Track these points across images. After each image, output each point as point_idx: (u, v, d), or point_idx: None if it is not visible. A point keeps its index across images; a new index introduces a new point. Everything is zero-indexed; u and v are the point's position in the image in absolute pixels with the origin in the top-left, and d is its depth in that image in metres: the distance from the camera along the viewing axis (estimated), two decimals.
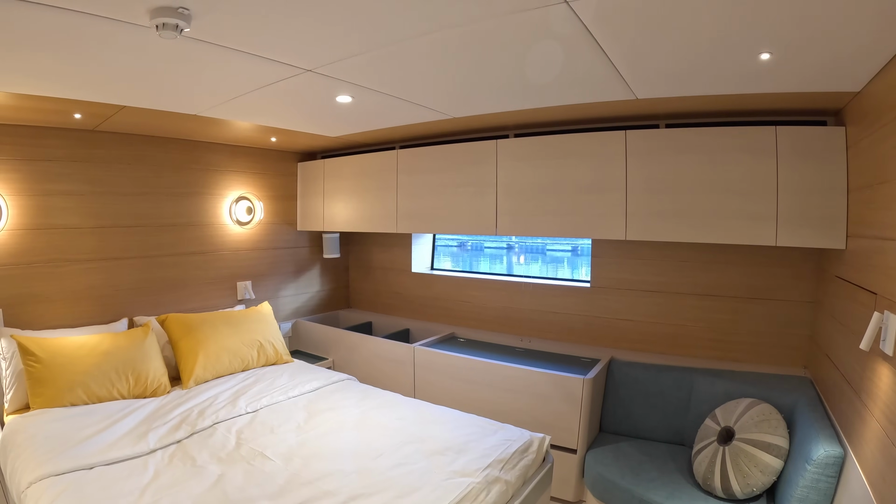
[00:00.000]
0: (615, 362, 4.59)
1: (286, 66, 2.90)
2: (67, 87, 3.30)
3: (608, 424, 4.53)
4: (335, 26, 2.31)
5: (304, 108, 4.04)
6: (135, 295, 5.13)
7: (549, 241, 5.80)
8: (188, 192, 5.49)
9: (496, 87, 3.34)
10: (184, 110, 3.99)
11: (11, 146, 4.32)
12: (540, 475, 3.39)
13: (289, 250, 6.46)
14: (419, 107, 3.88)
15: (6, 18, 2.15)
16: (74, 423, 3.65)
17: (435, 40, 2.48)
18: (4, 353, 4.11)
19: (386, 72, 3.04)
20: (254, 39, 2.50)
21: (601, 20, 2.16)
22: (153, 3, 2.03)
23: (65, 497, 2.79)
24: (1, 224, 4.27)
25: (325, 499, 2.75)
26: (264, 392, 4.29)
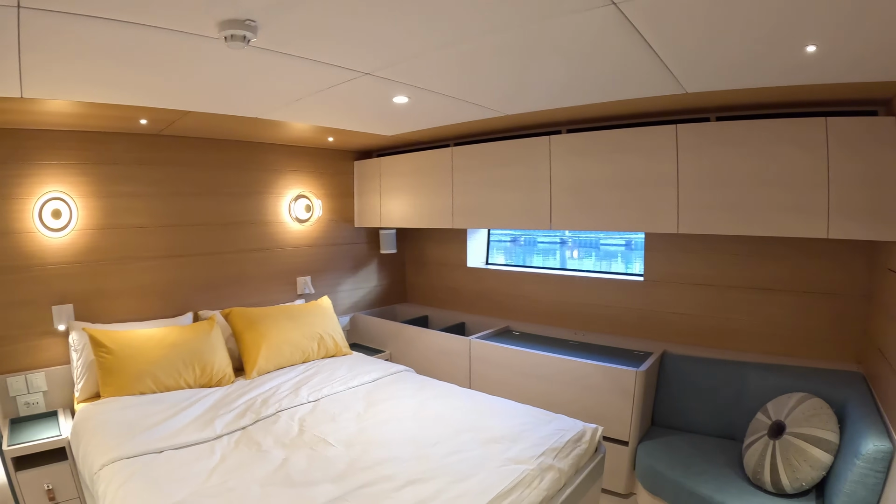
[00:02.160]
0: (667, 356, 4.60)
1: (346, 70, 2.98)
2: (137, 96, 3.49)
3: (660, 418, 4.54)
4: (394, 32, 2.39)
5: (362, 109, 4.13)
6: (199, 290, 5.34)
7: (602, 236, 5.79)
8: (249, 191, 5.67)
9: (548, 86, 3.39)
10: (246, 114, 4.14)
11: (80, 151, 4.57)
12: (592, 465, 3.42)
13: (347, 246, 6.59)
14: (474, 105, 3.93)
15: (83, 34, 2.29)
16: (143, 410, 3.85)
17: (490, 43, 2.54)
18: (76, 346, 4.36)
19: (442, 73, 3.11)
20: (316, 46, 2.60)
21: (649, 19, 2.19)
22: (222, 17, 2.15)
23: (136, 478, 2.96)
24: (72, 224, 4.53)
25: (384, 483, 2.85)
26: (325, 382, 4.44)
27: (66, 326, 4.51)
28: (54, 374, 4.48)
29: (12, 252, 4.31)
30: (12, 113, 3.82)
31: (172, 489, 2.85)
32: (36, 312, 4.44)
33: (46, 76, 2.94)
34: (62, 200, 4.47)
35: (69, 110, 3.85)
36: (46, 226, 4.41)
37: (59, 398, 4.52)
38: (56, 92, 3.31)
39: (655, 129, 4.09)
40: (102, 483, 3.02)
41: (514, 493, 2.79)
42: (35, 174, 4.38)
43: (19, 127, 4.26)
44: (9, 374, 4.30)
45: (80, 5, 2.02)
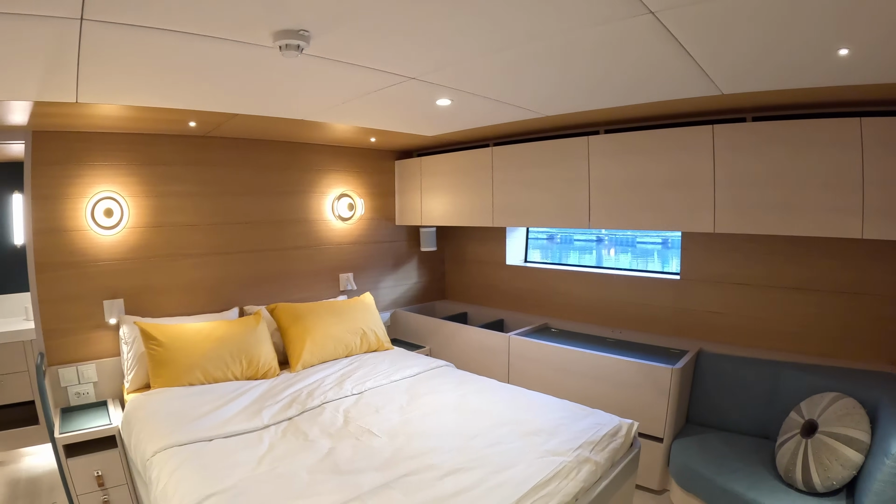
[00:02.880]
0: (703, 354, 4.62)
1: (392, 75, 3.07)
2: (190, 101, 3.63)
3: (695, 415, 4.57)
4: (439, 40, 2.47)
5: (406, 111, 4.22)
6: (245, 286, 5.49)
7: (639, 234, 5.80)
8: (293, 190, 5.81)
9: (587, 88, 3.43)
10: (294, 116, 4.26)
11: (130, 153, 4.76)
12: (627, 459, 3.45)
13: (388, 244, 6.71)
14: (514, 107, 3.99)
15: (143, 44, 2.42)
16: (192, 401, 4.00)
17: (531, 50, 2.61)
18: (126, 338, 4.54)
19: (484, 77, 3.18)
20: (364, 54, 2.69)
21: (686, 26, 2.24)
22: (277, 27, 2.26)
23: (188, 464, 3.10)
24: (123, 223, 4.72)
25: (427, 472, 2.95)
26: (368, 376, 4.54)
27: (116, 320, 4.70)
28: (104, 366, 4.68)
29: (66, 249, 4.50)
30: (67, 117, 3.99)
31: (223, 475, 2.99)
32: (88, 307, 4.62)
33: (103, 83, 3.08)
34: (113, 200, 4.66)
35: (121, 114, 4.00)
36: (98, 224, 4.60)
37: (109, 389, 4.72)
38: (111, 97, 3.46)
39: (692, 129, 4.11)
40: (155, 469, 3.17)
41: (551, 483, 2.85)
42: (88, 175, 4.57)
43: (73, 130, 4.45)
44: (61, 366, 4.50)
45: (142, 18, 2.14)
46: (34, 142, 4.35)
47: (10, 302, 6.35)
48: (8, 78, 2.88)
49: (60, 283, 4.50)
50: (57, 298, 4.48)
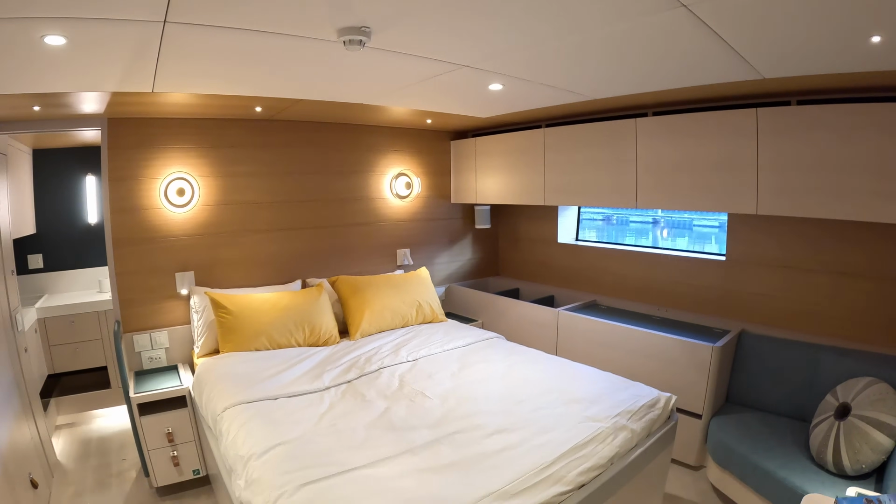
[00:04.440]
0: (745, 335, 4.64)
1: (446, 63, 3.24)
2: (258, 89, 3.91)
3: (735, 395, 4.61)
4: (491, 32, 2.64)
5: (460, 95, 4.37)
6: (307, 260, 5.81)
7: (696, 217, 5.79)
8: (353, 170, 6.07)
9: (629, 75, 3.52)
10: (354, 101, 4.47)
11: (200, 136, 5.12)
12: (664, 430, 3.55)
13: (443, 221, 6.90)
14: (562, 91, 4.09)
15: (218, 41, 2.67)
16: (259, 364, 4.35)
17: (575, 40, 2.74)
18: (196, 308, 4.93)
19: (534, 64, 3.31)
20: (421, 45, 2.88)
21: (718, 16, 2.32)
22: (341, 24, 2.48)
23: (255, 419, 3.44)
24: (194, 201, 5.10)
25: (475, 430, 3.19)
26: (422, 345, 4.78)
27: (187, 291, 5.10)
28: (175, 333, 5.10)
29: (141, 226, 4.89)
30: (141, 105, 4.32)
31: (288, 428, 3.29)
32: (161, 279, 5.02)
33: (178, 75, 3.35)
34: (185, 180, 5.03)
35: (191, 101, 4.30)
36: (171, 202, 4.98)
37: (179, 354, 5.14)
38: (185, 87, 3.75)
39: (736, 112, 4.11)
40: (226, 422, 3.51)
41: (589, 446, 3.03)
42: (161, 157, 4.94)
43: (146, 116, 4.81)
44: (135, 333, 4.92)
45: (220, 19, 2.38)
46: (110, 128, 4.71)
47: (85, 276, 6.87)
48: (93, 73, 3.17)
49: (136, 257, 4.89)
50: (132, 271, 4.88)
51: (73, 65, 2.97)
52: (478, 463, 2.86)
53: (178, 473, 4.53)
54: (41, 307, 6.07)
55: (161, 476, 4.49)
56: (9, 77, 3.13)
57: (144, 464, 4.51)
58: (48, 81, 3.33)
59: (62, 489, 4.78)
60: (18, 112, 4.23)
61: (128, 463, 5.20)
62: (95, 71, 3.14)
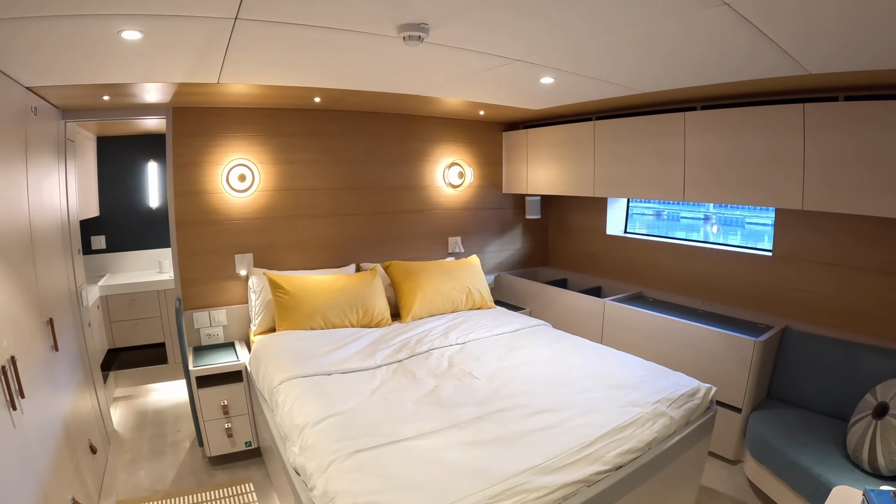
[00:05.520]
0: (788, 331, 4.62)
1: (500, 57, 3.35)
2: (318, 80, 4.10)
3: (776, 391, 4.61)
4: (542, 27, 2.73)
5: (512, 88, 4.49)
6: (361, 245, 6.01)
7: (748, 214, 5.67)
8: (407, 159, 6.24)
9: (675, 69, 3.58)
10: (409, 92, 4.63)
11: (261, 125, 5.36)
12: (702, 420, 3.59)
13: (494, 211, 6.99)
14: (612, 84, 4.17)
15: (284, 36, 2.85)
16: (314, 342, 4.58)
17: (625, 35, 2.82)
18: (254, 288, 5.19)
19: (583, 59, 3.38)
20: (476, 41, 3.01)
21: (759, 12, 2.35)
22: (400, 21, 2.63)
23: (310, 391, 3.68)
24: (254, 186, 5.35)
25: (518, 409, 3.34)
26: (471, 329, 4.93)
27: (246, 272, 5.36)
28: (233, 311, 5.38)
29: (205, 209, 5.17)
30: (204, 94, 4.53)
31: (341, 401, 3.52)
32: (220, 259, 5.30)
33: (244, 66, 3.56)
34: (246, 166, 5.29)
35: (253, 91, 4.50)
36: (232, 187, 5.25)
37: (236, 332, 5.42)
38: (249, 78, 3.98)
39: (784, 107, 4.07)
40: (282, 394, 3.75)
41: (628, 429, 3.13)
42: (223, 144, 5.20)
43: (209, 105, 5.06)
44: (195, 310, 5.22)
45: (287, 17, 2.54)
46: (174, 116, 4.99)
47: (146, 257, 7.25)
48: (165, 65, 3.41)
49: (197, 238, 5.17)
50: (194, 252, 5.16)
51: (145, 58, 3.18)
52: (520, 439, 3.00)
53: (231, 444, 4.81)
54: (103, 285, 6.44)
55: (215, 446, 4.78)
56: (85, 69, 3.36)
57: (199, 434, 4.82)
58: (121, 73, 3.56)
59: (118, 456, 5.11)
60: (88, 101, 4.49)
61: (182, 434, 5.53)
62: (166, 63, 3.37)
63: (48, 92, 3.96)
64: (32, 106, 3.75)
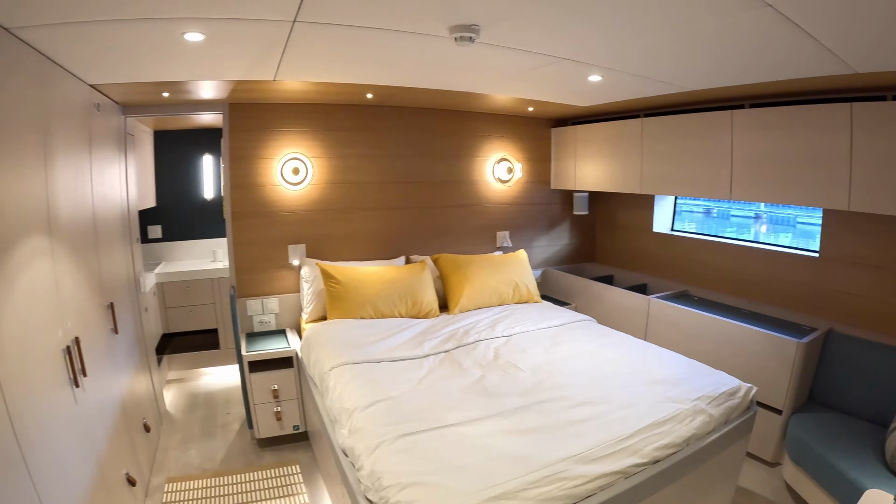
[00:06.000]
0: (833, 334, 4.55)
1: (549, 56, 3.44)
2: (371, 77, 4.28)
3: (818, 394, 4.56)
4: (590, 27, 2.81)
5: (560, 86, 4.57)
6: (410, 238, 6.17)
7: (799, 213, 5.57)
8: (456, 154, 6.36)
9: (722, 68, 3.63)
10: (459, 89, 4.74)
11: (314, 120, 5.56)
12: (742, 419, 3.58)
13: (542, 206, 7.05)
14: (658, 82, 4.21)
15: (340, 37, 2.99)
16: (363, 331, 4.75)
17: (671, 35, 2.88)
18: (307, 277, 5.40)
19: (631, 57, 3.45)
20: (525, 40, 3.10)
21: (803, 12, 2.37)
22: (452, 22, 2.75)
23: (360, 377, 3.86)
24: (307, 180, 5.57)
25: (561, 401, 3.45)
26: (517, 322, 5.03)
27: (298, 262, 5.57)
28: (285, 300, 5.61)
29: (260, 201, 5.41)
30: (259, 91, 4.76)
31: (389, 387, 3.69)
32: (274, 249, 5.52)
33: (300, 65, 3.73)
34: (299, 160, 5.49)
35: (307, 88, 4.70)
36: (287, 180, 5.47)
37: (287, 319, 5.65)
38: (304, 76, 4.16)
39: (832, 106, 4.04)
40: (332, 380, 3.94)
41: (666, 424, 3.18)
42: (278, 139, 5.43)
43: (263, 102, 5.29)
44: (249, 298, 5.46)
45: (344, 19, 2.68)
46: (230, 112, 5.22)
47: (200, 246, 7.58)
48: (224, 64, 3.62)
49: (252, 229, 5.41)
50: (248, 242, 5.40)
51: (206, 58, 3.38)
52: (561, 429, 3.11)
53: (280, 427, 5.04)
54: (159, 272, 6.76)
55: (264, 429, 5.02)
56: (148, 68, 3.60)
57: (249, 417, 5.06)
58: (182, 72, 3.79)
59: (170, 435, 5.41)
60: (148, 98, 4.76)
61: (231, 416, 5.82)
62: (226, 63, 3.58)
63: (110, 89, 4.23)
64: (96, 103, 4.03)
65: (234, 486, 4.51)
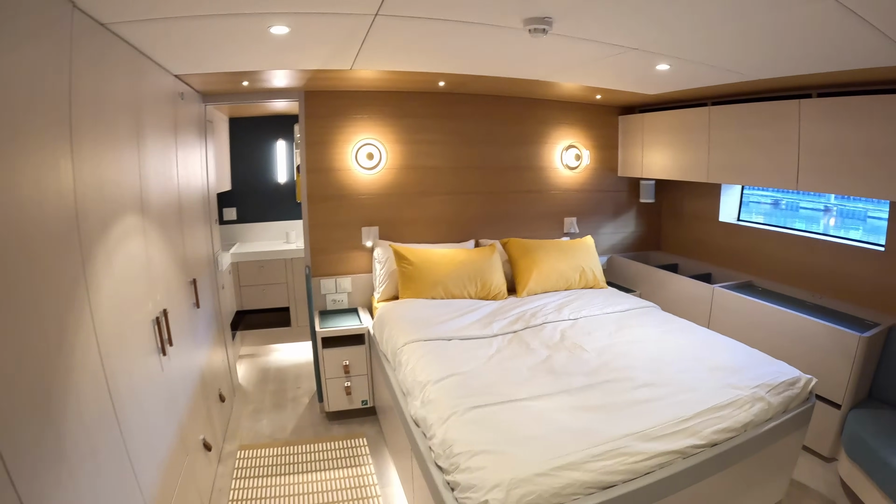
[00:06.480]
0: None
1: (618, 46, 3.54)
2: (445, 66, 4.46)
3: (879, 391, 4.48)
4: (657, 19, 2.91)
5: (629, 75, 4.65)
6: (480, 222, 6.36)
7: (870, 206, 5.42)
8: (525, 140, 6.49)
9: (788, 57, 3.63)
10: (529, 77, 4.88)
11: (388, 107, 5.80)
12: (800, 410, 3.61)
13: (609, 193, 7.10)
14: (727, 71, 4.22)
15: (417, 29, 3.18)
16: (434, 311, 4.99)
17: (736, 27, 2.97)
18: (379, 258, 5.66)
19: (698, 47, 3.51)
20: (596, 32, 3.23)
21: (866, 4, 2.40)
22: (527, 15, 2.88)
23: (431, 354, 4.10)
24: (381, 164, 5.82)
25: (624, 382, 3.60)
26: (583, 307, 5.16)
27: (371, 243, 5.85)
28: (357, 280, 5.92)
29: (336, 184, 5.70)
30: (334, 80, 5.03)
31: (460, 363, 3.92)
32: (348, 231, 5.82)
33: (377, 55, 3.93)
34: (373, 145, 5.75)
35: (381, 76, 4.94)
36: (361, 165, 5.74)
37: (359, 299, 5.96)
38: (380, 65, 4.40)
39: None
40: (405, 355, 4.20)
41: (726, 409, 3.26)
42: (352, 125, 5.70)
43: (338, 89, 5.55)
44: (322, 277, 5.77)
45: (423, 12, 2.84)
46: (306, 99, 5.51)
47: (274, 228, 7.97)
48: (305, 55, 3.87)
49: (330, 211, 5.72)
50: (323, 224, 5.71)
51: (289, 49, 3.63)
52: (624, 408, 3.27)
53: (349, 402, 5.36)
54: (234, 252, 7.17)
55: (333, 402, 5.35)
56: (233, 58, 3.87)
57: (320, 390, 5.41)
58: (265, 62, 4.11)
59: (243, 406, 5.83)
60: (227, 86, 5.07)
61: (301, 391, 6.20)
62: (307, 53, 3.83)
63: (192, 79, 4.55)
64: (180, 92, 4.37)
65: (303, 455, 4.83)
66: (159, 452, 3.08)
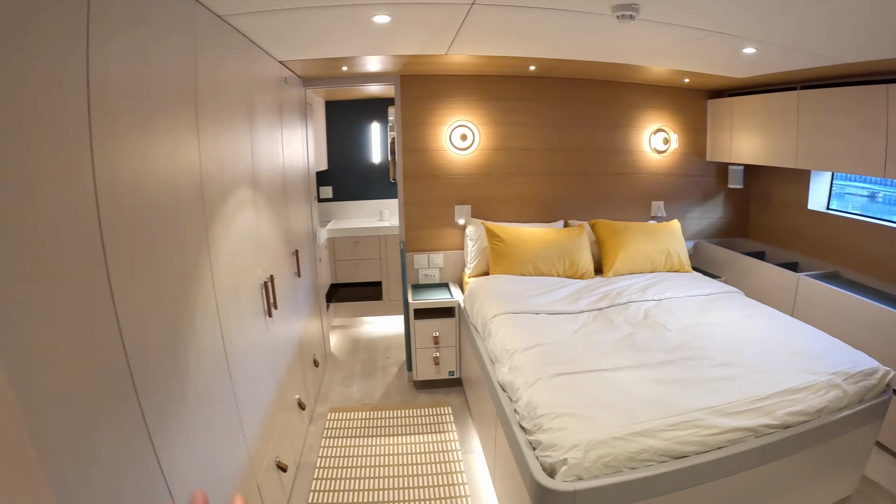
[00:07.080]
0: None
1: (703, 30, 3.61)
2: (536, 50, 4.65)
3: None
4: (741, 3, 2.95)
5: (715, 58, 4.66)
6: (569, 203, 6.58)
7: None
8: (613, 124, 6.61)
9: (879, 40, 3.57)
10: (617, 61, 5.03)
11: (481, 90, 6.07)
12: (876, 401, 3.58)
13: (697, 178, 7.10)
14: (810, 54, 4.19)
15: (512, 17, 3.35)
16: (523, 286, 5.27)
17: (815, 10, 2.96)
18: (471, 236, 5.99)
19: (783, 30, 3.52)
20: (681, 16, 3.32)
21: None
22: (615, 2, 2.99)
23: (520, 325, 4.40)
24: (474, 145, 6.13)
25: (703, 360, 3.77)
26: (667, 289, 5.30)
27: (464, 221, 6.19)
28: (449, 256, 6.28)
29: (430, 164, 6.05)
30: (428, 64, 5.34)
31: (547, 335, 4.21)
32: (441, 209, 6.16)
33: (472, 41, 4.16)
34: (467, 127, 6.05)
35: (473, 61, 5.18)
36: (454, 146, 6.05)
37: (450, 274, 6.33)
38: (474, 50, 4.61)
39: None
40: (494, 325, 4.50)
41: (800, 393, 3.32)
42: (446, 107, 6.01)
43: (432, 73, 5.85)
44: (416, 253, 6.16)
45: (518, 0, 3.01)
46: (402, 83, 5.85)
47: (369, 206, 8.44)
48: (404, 42, 4.18)
49: (425, 189, 6.08)
50: (418, 201, 6.08)
51: (389, 37, 3.92)
52: (701, 384, 3.44)
53: (436, 372, 5.73)
54: (331, 228, 7.63)
55: (422, 372, 5.74)
56: (335, 45, 4.21)
57: (409, 360, 5.81)
58: (366, 49, 4.41)
59: (334, 373, 6.32)
60: (327, 71, 5.44)
61: (391, 361, 6.63)
62: (406, 40, 4.11)
63: (294, 64, 4.93)
64: (284, 77, 4.78)
65: (390, 420, 5.23)
66: (261, 406, 3.50)
